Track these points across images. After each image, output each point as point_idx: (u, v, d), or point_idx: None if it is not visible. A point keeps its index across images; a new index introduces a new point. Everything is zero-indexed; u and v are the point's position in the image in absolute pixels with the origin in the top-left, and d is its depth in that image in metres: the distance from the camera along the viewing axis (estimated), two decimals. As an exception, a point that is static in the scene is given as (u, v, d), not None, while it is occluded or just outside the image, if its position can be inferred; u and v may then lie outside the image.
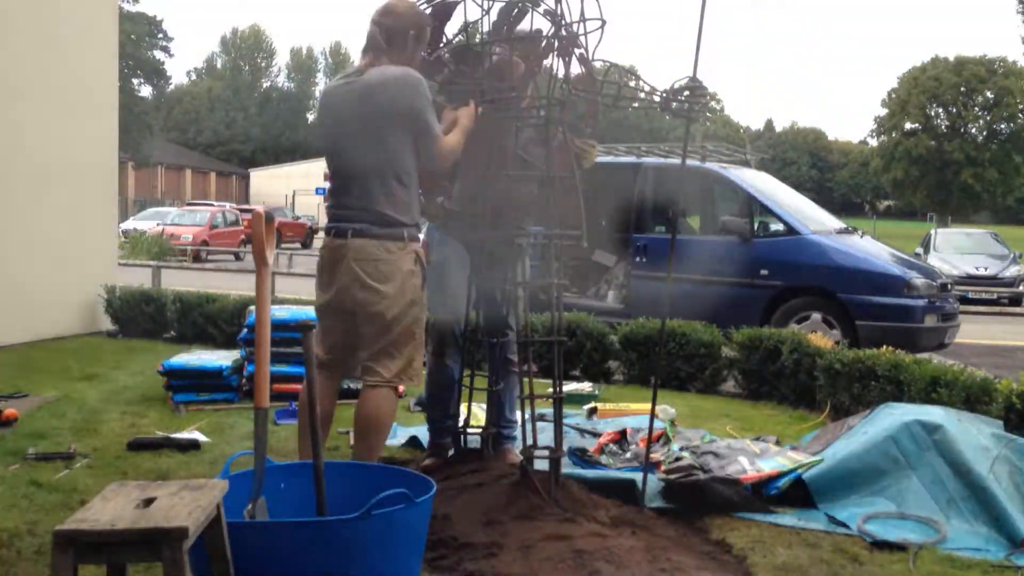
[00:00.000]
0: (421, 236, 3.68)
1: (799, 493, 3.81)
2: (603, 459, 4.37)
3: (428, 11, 3.79)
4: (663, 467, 3.92)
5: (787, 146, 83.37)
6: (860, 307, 7.58)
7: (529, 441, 3.53)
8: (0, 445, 4.42)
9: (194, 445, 4.52)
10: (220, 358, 5.84)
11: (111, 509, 2.07)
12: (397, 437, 4.79)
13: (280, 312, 5.90)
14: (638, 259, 8.54)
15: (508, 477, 3.59)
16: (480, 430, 4.03)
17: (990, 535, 3.52)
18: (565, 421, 4.52)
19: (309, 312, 6.08)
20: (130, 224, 26.79)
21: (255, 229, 2.69)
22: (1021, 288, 17.25)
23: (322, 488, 2.74)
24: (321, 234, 6.81)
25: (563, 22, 3.60)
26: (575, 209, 3.60)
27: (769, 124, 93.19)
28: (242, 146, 69.02)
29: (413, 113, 3.42)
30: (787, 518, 3.64)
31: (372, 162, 3.43)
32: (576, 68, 3.71)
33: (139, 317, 8.24)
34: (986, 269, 17.49)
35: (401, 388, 4.42)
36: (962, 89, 59.98)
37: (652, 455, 4.03)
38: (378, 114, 3.42)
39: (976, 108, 60.88)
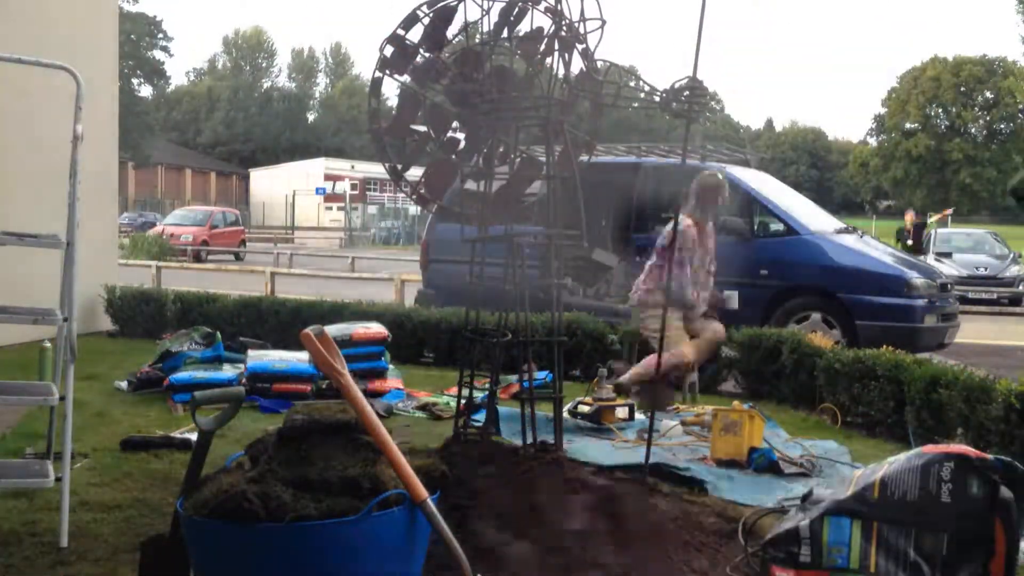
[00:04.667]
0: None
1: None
2: None
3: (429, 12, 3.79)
4: None
5: (787, 146, 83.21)
6: (860, 307, 7.56)
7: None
8: (0, 445, 4.42)
9: (187, 445, 4.51)
10: (227, 371, 5.87)
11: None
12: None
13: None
14: (638, 259, 8.53)
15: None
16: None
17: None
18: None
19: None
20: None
21: (311, 351, 2.68)
22: (1021, 288, 17.23)
23: None
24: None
25: (564, 20, 3.59)
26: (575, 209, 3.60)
27: (769, 124, 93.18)
28: (242, 146, 68.93)
29: None
30: None
31: None
32: (577, 65, 3.71)
33: (139, 317, 8.24)
34: (986, 269, 17.47)
35: None
36: (961, 89, 60.00)
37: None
38: None
39: (975, 108, 60.90)
